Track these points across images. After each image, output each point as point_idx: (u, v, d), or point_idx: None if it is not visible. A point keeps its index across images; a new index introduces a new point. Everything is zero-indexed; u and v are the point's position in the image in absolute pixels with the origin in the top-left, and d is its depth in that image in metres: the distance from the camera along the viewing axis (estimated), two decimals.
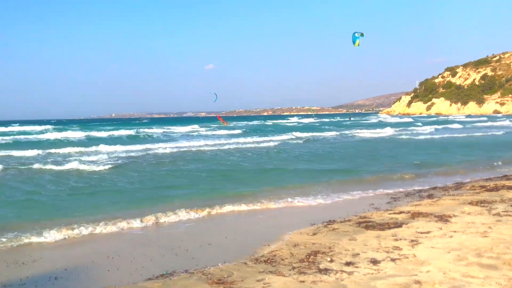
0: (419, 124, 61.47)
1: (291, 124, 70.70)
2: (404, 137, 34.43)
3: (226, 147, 25.36)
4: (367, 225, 7.84)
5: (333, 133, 40.69)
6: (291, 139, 32.85)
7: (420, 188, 12.35)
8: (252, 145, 26.31)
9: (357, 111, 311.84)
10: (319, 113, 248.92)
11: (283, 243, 7.11)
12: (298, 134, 37.60)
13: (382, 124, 62.64)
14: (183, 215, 9.43)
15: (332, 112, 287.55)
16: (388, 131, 42.11)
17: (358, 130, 44.27)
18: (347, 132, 42.19)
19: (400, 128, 48.47)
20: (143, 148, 24.58)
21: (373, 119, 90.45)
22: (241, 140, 30.46)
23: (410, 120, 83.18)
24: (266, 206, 10.32)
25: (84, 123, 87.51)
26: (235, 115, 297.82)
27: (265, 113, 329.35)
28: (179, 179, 14.07)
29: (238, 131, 44.62)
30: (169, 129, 53.34)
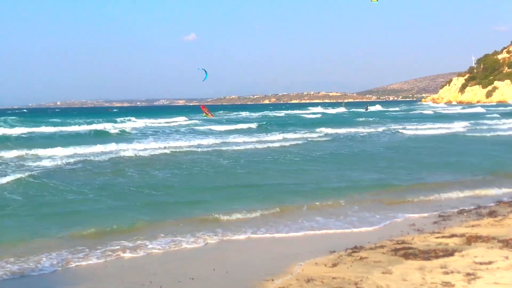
0: (496, 115, 59.67)
1: (313, 116, 70.86)
2: (481, 134, 34.08)
3: (235, 147, 25.38)
4: (407, 252, 7.85)
5: (375, 128, 39.99)
6: (317, 137, 32.43)
7: (479, 203, 12.42)
8: (262, 146, 26.24)
9: (390, 98, 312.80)
10: (339, 100, 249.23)
11: (292, 278, 7.12)
12: (328, 130, 37.67)
13: (438, 117, 61.88)
14: (157, 241, 9.44)
15: (357, 100, 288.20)
16: (455, 126, 41.35)
17: (411, 125, 43.30)
18: (397, 127, 41.19)
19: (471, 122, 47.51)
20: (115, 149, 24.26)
21: (421, 110, 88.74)
22: (245, 139, 30.41)
23: (476, 110, 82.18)
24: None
25: (23, 115, 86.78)
26: (225, 103, 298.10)
27: (267, 101, 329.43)
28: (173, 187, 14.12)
29: (244, 126, 44.35)
30: (152, 122, 52.51)
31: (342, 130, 37.92)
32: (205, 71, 54.31)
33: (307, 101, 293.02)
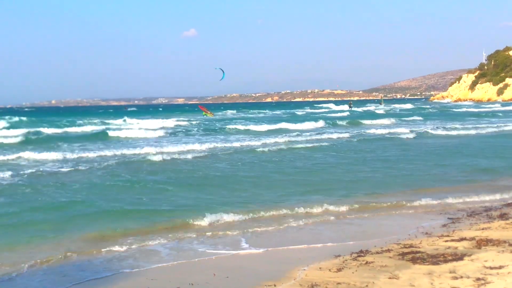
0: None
1: (335, 114, 71.06)
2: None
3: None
4: (414, 257, 7.83)
5: (404, 129, 37.57)
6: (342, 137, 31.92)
7: (489, 205, 12.39)
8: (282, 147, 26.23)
9: (398, 96, 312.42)
10: (344, 98, 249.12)
11: (295, 283, 7.10)
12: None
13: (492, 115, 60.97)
14: (154, 243, 9.44)
15: (363, 98, 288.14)
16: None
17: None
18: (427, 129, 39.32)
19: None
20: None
21: (456, 109, 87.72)
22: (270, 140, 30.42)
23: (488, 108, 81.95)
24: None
25: (25, 113, 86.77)
26: (226, 102, 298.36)
27: (269, 99, 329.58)
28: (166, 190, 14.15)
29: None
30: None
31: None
32: (222, 71, 55.29)
33: (312, 99, 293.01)
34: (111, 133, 35.55)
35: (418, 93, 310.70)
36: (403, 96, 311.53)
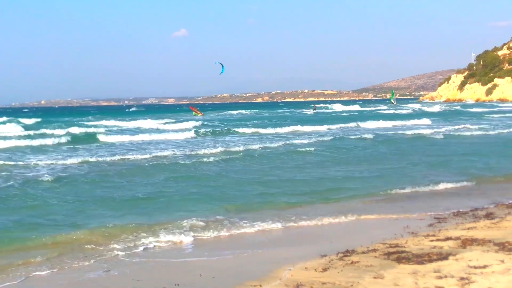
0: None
1: (344, 114, 70.66)
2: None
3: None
4: (400, 256, 7.88)
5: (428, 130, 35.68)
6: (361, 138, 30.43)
7: (475, 205, 12.48)
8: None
9: (387, 96, 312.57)
10: (334, 98, 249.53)
11: (280, 283, 7.12)
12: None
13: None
14: (138, 243, 9.46)
15: (353, 98, 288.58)
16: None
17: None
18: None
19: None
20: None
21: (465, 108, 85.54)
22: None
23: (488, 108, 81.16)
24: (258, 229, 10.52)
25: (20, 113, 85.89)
26: (216, 102, 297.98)
27: (260, 99, 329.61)
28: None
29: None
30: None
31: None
32: (222, 65, 55.56)
33: (302, 100, 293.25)
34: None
35: (408, 93, 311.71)
36: (391, 96, 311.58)
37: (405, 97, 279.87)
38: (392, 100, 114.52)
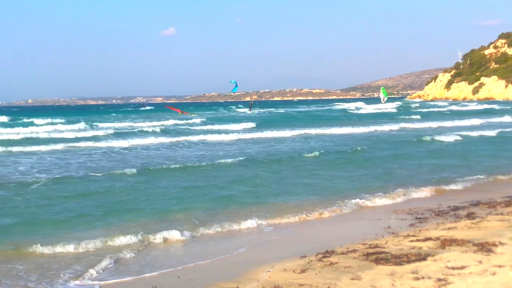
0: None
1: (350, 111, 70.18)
2: None
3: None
4: (378, 257, 7.88)
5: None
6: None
7: (457, 204, 12.50)
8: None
9: (376, 95, 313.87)
10: (323, 97, 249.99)
11: (258, 285, 7.10)
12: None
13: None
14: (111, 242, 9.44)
15: (341, 97, 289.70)
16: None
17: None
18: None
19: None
20: None
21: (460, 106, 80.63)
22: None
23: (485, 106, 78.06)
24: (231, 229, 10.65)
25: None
26: (204, 101, 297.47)
27: (248, 98, 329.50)
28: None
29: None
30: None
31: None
32: (236, 84, 59.34)
33: (290, 98, 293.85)
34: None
35: (395, 92, 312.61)
36: (379, 95, 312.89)
37: (392, 96, 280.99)
38: (381, 98, 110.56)
